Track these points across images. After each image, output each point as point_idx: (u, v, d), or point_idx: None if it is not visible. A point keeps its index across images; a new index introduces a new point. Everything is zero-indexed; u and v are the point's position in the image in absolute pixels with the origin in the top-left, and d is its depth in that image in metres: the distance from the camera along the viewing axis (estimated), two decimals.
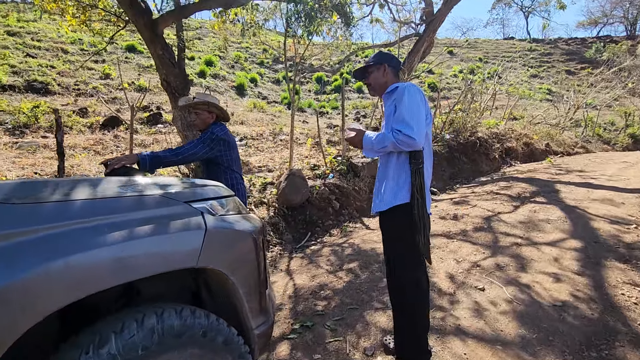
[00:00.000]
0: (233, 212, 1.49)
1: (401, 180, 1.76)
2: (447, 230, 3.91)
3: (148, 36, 4.05)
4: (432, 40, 9.50)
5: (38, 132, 7.62)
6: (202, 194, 1.37)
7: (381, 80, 1.89)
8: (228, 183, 2.52)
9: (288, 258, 3.77)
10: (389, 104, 1.79)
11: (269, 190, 5.14)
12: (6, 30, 16.54)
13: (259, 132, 10.00)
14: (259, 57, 23.04)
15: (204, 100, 2.51)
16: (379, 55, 1.92)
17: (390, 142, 1.67)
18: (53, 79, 12.12)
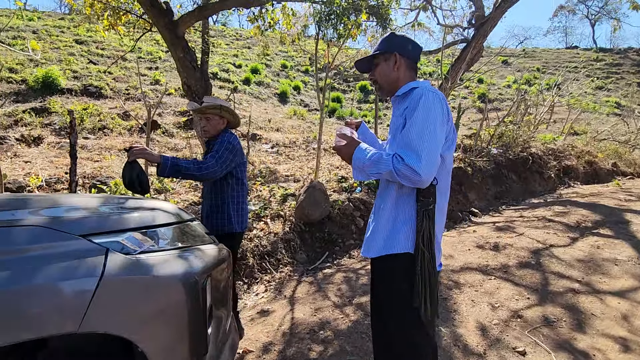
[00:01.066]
0: (170, 246, 1.14)
1: (401, 220, 1.28)
2: (483, 264, 3.31)
3: (169, 38, 3.93)
4: (481, 47, 8.74)
5: (82, 133, 7.97)
6: (118, 222, 1.04)
7: (391, 75, 1.38)
8: (237, 200, 2.26)
9: (296, 282, 3.38)
10: (398, 113, 1.33)
11: (289, 202, 4.82)
12: (75, 39, 18.02)
13: (292, 140, 9.79)
14: (304, 66, 23.23)
15: (215, 104, 2.23)
16: (389, 39, 1.39)
17: (387, 170, 1.19)
18: (107, 83, 12.86)
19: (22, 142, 6.93)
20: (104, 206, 1.07)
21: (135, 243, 1.02)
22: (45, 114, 8.95)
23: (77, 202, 1.04)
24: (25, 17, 20.41)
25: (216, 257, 1.29)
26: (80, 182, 5.28)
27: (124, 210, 1.08)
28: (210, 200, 2.23)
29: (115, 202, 1.14)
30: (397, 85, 1.38)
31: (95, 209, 1.02)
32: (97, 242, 0.93)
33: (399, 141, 1.22)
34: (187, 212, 1.43)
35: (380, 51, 1.39)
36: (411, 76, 1.40)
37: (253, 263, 3.58)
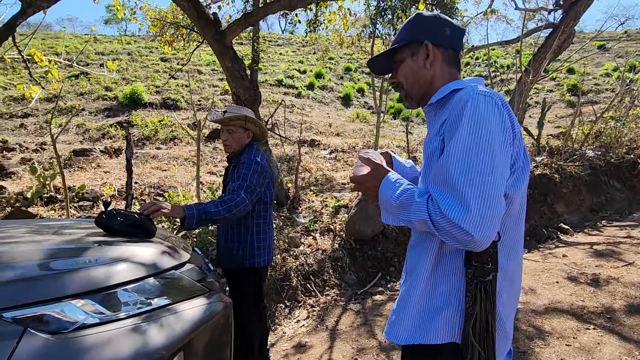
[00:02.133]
0: (136, 310, 0.89)
1: (441, 293, 0.87)
2: (578, 304, 2.60)
3: (217, 48, 3.89)
4: (572, 31, 7.46)
5: (155, 143, 8.60)
6: (54, 286, 0.81)
7: (422, 75, 0.95)
8: (263, 228, 1.92)
9: (342, 308, 3.04)
10: (434, 130, 0.91)
11: (341, 214, 4.50)
12: (161, 57, 19.95)
13: (351, 145, 9.44)
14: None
15: (239, 114, 1.92)
16: (415, 23, 0.96)
17: (420, 220, 0.80)
18: (182, 96, 13.89)
19: (105, 153, 7.66)
20: (44, 261, 0.87)
21: (74, 315, 0.80)
22: (129, 127, 9.90)
23: (6, 259, 0.85)
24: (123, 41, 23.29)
25: (199, 318, 1.03)
26: (146, 192, 5.59)
27: (66, 268, 0.87)
28: (229, 228, 1.90)
29: (66, 253, 0.94)
30: (431, 88, 0.96)
31: (25, 269, 0.83)
32: (11, 319, 0.72)
33: (435, 175, 0.82)
34: (173, 254, 1.19)
35: (404, 42, 0.97)
36: (452, 73, 0.96)
37: (297, 284, 3.33)
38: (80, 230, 1.28)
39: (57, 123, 9.64)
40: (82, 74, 14.58)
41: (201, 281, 1.22)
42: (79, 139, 8.83)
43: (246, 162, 1.84)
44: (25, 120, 10.14)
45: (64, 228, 1.30)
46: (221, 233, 1.96)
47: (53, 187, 5.18)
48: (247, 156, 1.87)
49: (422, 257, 0.91)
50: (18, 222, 1.49)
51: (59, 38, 23.28)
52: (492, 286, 0.81)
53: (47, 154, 7.38)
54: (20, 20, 2.77)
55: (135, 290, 0.94)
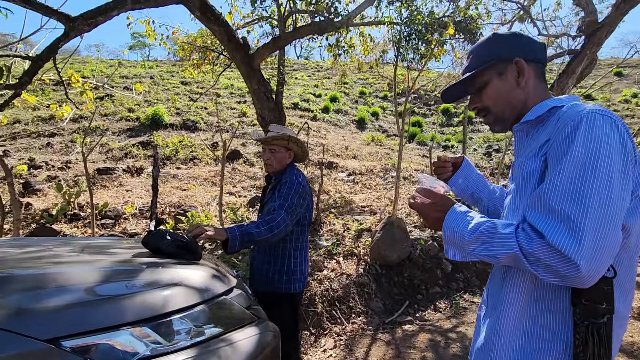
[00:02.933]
0: (189, 341, 0.82)
1: (540, 331, 0.76)
2: (627, 340, 2.40)
3: (245, 71, 3.96)
4: (595, 57, 7.41)
5: (175, 163, 8.72)
6: (111, 313, 0.75)
7: (514, 96, 0.88)
8: (300, 252, 1.86)
9: (371, 337, 2.89)
10: (530, 150, 0.83)
11: (364, 238, 4.39)
12: (181, 80, 20.66)
13: (369, 167, 9.40)
14: (383, 92, 23.09)
15: (283, 133, 1.89)
16: (498, 41, 0.90)
17: (509, 253, 0.71)
18: (201, 118, 14.21)
19: (127, 172, 7.78)
20: (101, 285, 0.81)
21: (134, 345, 0.73)
22: (150, 147, 10.10)
23: (64, 280, 0.80)
24: (146, 66, 24.32)
25: (254, 349, 0.95)
26: (167, 211, 5.60)
27: (124, 293, 0.81)
28: (267, 251, 1.84)
29: (121, 275, 0.89)
30: (525, 107, 0.88)
31: (82, 292, 0.77)
32: (71, 348, 0.67)
33: (536, 201, 0.73)
34: (223, 278, 1.13)
35: (487, 64, 0.89)
36: (544, 91, 0.89)
37: (322, 310, 3.20)
38: (124, 250, 1.24)
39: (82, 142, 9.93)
40: (107, 96, 15.15)
41: (249, 308, 1.14)
42: (102, 157, 9.04)
43: (288, 182, 1.79)
44: (52, 139, 10.47)
45: (107, 247, 1.26)
46: (256, 254, 1.90)
47: (77, 204, 5.24)
48: (289, 176, 1.83)
49: (513, 290, 0.81)
50: (56, 240, 1.46)
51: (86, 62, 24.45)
52: (607, 330, 0.71)
53: (71, 172, 7.54)
54: (63, 43, 2.88)
55: (188, 317, 0.88)
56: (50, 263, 0.92)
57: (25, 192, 5.97)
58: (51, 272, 0.83)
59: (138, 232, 4.83)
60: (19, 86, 2.73)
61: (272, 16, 5.15)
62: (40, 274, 0.82)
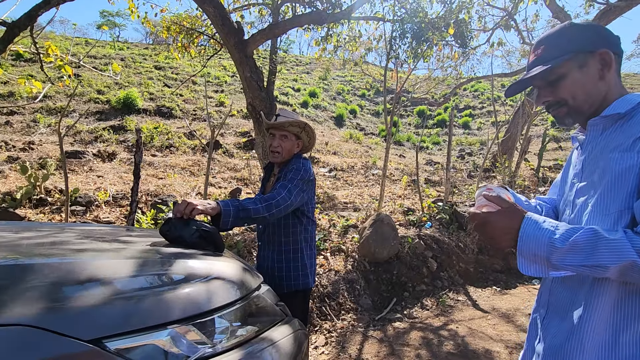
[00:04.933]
0: (231, 341, 0.73)
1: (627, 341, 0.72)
2: None
3: (237, 57, 3.80)
4: None
5: (150, 150, 8.32)
6: (155, 310, 0.65)
7: (596, 88, 0.83)
8: (310, 245, 1.78)
9: (362, 335, 2.86)
10: (615, 145, 0.79)
11: (350, 234, 4.36)
12: (155, 65, 19.76)
13: (350, 164, 9.41)
14: (361, 90, 23.24)
15: (298, 120, 1.76)
16: (576, 33, 0.84)
17: (625, 261, 0.66)
18: (177, 105, 13.66)
19: (98, 157, 7.34)
20: (138, 276, 0.70)
21: (181, 346, 0.63)
22: (122, 132, 9.58)
23: (97, 270, 0.68)
24: (116, 47, 23.03)
25: (293, 350, 0.87)
26: (143, 200, 5.32)
27: (164, 286, 0.70)
28: (277, 246, 1.72)
29: (155, 266, 0.77)
30: (604, 102, 0.84)
31: (121, 285, 0.66)
32: (116, 351, 0.56)
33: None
34: (252, 272, 1.03)
35: (570, 54, 0.82)
36: (622, 86, 0.86)
37: (312, 306, 3.14)
38: (136, 238, 1.11)
39: (45, 122, 9.25)
40: (73, 76, 14.22)
41: (277, 304, 1.06)
42: (69, 140, 8.47)
43: (296, 168, 1.68)
44: (11, 117, 9.69)
45: (116, 235, 1.12)
46: (267, 255, 1.77)
47: (44, 188, 4.87)
48: (297, 164, 1.71)
49: (593, 295, 0.77)
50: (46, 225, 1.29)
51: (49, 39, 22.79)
52: None
53: (35, 153, 7.00)
54: (43, 11, 2.62)
55: (227, 315, 0.78)
56: (71, 250, 0.79)
57: None
58: (80, 262, 0.70)
59: (112, 221, 4.55)
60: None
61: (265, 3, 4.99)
62: (68, 262, 0.69)
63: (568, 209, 0.91)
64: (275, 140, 1.75)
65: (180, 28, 4.62)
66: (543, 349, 0.85)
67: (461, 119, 19.15)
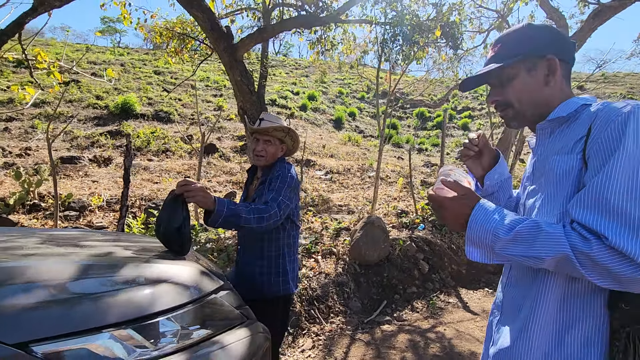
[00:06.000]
0: (177, 344, 0.74)
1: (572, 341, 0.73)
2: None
3: (227, 61, 3.82)
4: None
5: (146, 155, 8.35)
6: (91, 314, 0.66)
7: (540, 93, 0.84)
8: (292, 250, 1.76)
9: (350, 337, 2.86)
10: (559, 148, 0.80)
11: (342, 237, 4.36)
12: (154, 70, 19.87)
13: (346, 167, 9.41)
14: (360, 92, 23.28)
15: (282, 125, 1.75)
16: (528, 35, 0.85)
17: (559, 254, 0.67)
18: (175, 109, 13.72)
19: (94, 162, 7.37)
20: (79, 280, 0.71)
21: (118, 349, 0.64)
22: (119, 137, 9.62)
23: (36, 275, 0.69)
24: (116, 52, 23.18)
25: (247, 353, 0.88)
26: (137, 204, 5.33)
27: (106, 290, 0.71)
28: (258, 251, 1.68)
29: (101, 269, 0.79)
30: (547, 108, 0.85)
31: (57, 289, 0.67)
32: (43, 354, 0.57)
33: (587, 201, 0.69)
34: (212, 276, 1.04)
35: (519, 56, 0.83)
36: (569, 90, 0.86)
37: (300, 309, 3.14)
38: (99, 242, 1.12)
39: (43, 129, 9.30)
40: (73, 82, 14.30)
41: (239, 308, 1.06)
42: (67, 146, 8.51)
43: (281, 175, 1.66)
44: (10, 124, 9.75)
45: (79, 239, 1.13)
46: (247, 260, 1.72)
47: (37, 194, 4.89)
48: (281, 170, 1.70)
49: (544, 292, 0.77)
50: (19, 231, 1.30)
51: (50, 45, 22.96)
52: None
53: (31, 159, 7.04)
54: (30, 18, 2.64)
55: (176, 318, 0.79)
56: (17, 256, 0.80)
57: None
58: (18, 266, 0.71)
59: (105, 226, 4.56)
60: None
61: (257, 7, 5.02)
62: (5, 267, 0.70)
63: (521, 210, 0.92)
64: (260, 144, 1.75)
65: (172, 33, 4.67)
66: (495, 351, 0.85)
67: (460, 120, 19.15)
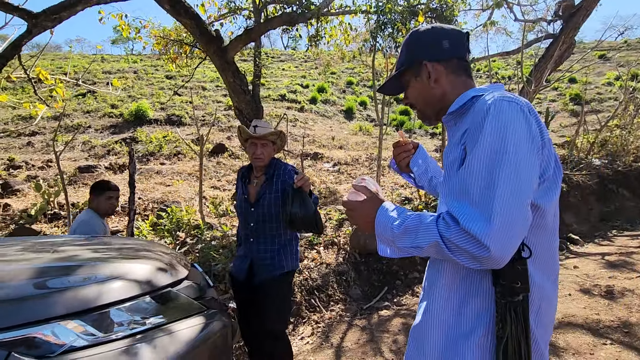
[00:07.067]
0: (128, 331, 0.85)
1: (468, 313, 0.81)
2: (593, 318, 2.51)
3: (219, 64, 3.93)
4: (573, 41, 7.50)
5: (159, 159, 8.65)
6: (40, 307, 0.78)
7: (431, 93, 0.93)
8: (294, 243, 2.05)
9: (347, 324, 2.96)
10: (454, 140, 0.88)
11: (345, 227, 4.44)
12: (166, 74, 20.32)
13: (354, 157, 9.43)
14: (370, 81, 23.04)
15: (273, 129, 2.02)
16: (410, 42, 0.95)
17: (432, 241, 0.74)
18: (186, 112, 14.04)
19: (110, 169, 7.70)
20: (31, 281, 0.84)
21: (63, 337, 0.76)
22: (133, 143, 9.98)
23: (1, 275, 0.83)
24: (129, 60, 23.79)
25: (196, 338, 0.99)
26: (150, 207, 5.58)
27: (55, 288, 0.84)
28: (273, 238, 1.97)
29: (55, 272, 0.91)
30: (444, 102, 0.92)
31: (9, 289, 0.80)
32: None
33: (454, 188, 0.77)
34: (170, 270, 1.16)
35: (404, 66, 0.95)
36: (464, 82, 0.92)
37: (301, 299, 3.26)
38: (76, 247, 1.26)
39: (63, 140, 9.76)
40: (89, 93, 14.84)
41: (199, 299, 1.17)
42: (85, 155, 8.91)
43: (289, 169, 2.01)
44: (33, 138, 10.28)
45: (61, 245, 1.28)
46: (259, 247, 1.97)
47: (57, 203, 5.20)
48: (284, 167, 2.02)
49: (443, 273, 0.85)
50: (15, 240, 1.47)
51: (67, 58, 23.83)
52: (523, 307, 0.74)
53: (52, 171, 7.43)
54: (26, 40, 2.82)
55: (129, 309, 0.91)
56: None
57: (4, 193, 5.88)
58: None
59: (120, 230, 4.81)
60: None
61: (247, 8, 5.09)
62: None
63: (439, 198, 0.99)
64: (258, 148, 1.97)
65: (167, 41, 4.82)
66: (414, 324, 0.93)
67: None
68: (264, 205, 1.93)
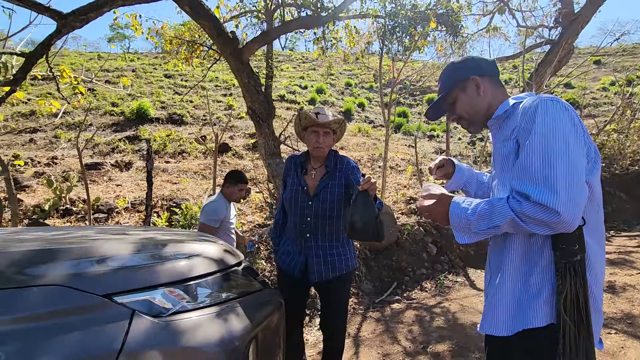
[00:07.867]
0: (210, 301, 0.97)
1: (533, 282, 0.96)
2: None
3: (234, 65, 4.04)
4: (571, 47, 7.71)
5: (164, 157, 8.72)
6: (149, 276, 0.90)
7: (479, 103, 1.11)
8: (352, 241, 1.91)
9: (361, 316, 3.08)
10: (503, 137, 1.04)
11: None
12: (165, 73, 20.30)
13: (357, 158, 9.57)
14: (369, 83, 23.21)
15: (339, 117, 1.83)
16: (454, 68, 1.15)
17: (506, 219, 0.89)
18: (187, 111, 14.10)
19: (116, 167, 7.77)
20: (137, 254, 0.96)
21: (169, 301, 0.88)
22: (136, 141, 10.03)
23: (108, 251, 0.94)
24: (127, 59, 23.73)
25: (264, 311, 1.11)
26: (159, 204, 5.67)
27: (156, 260, 0.96)
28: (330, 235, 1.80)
29: (151, 248, 1.03)
30: (490, 109, 1.11)
31: (125, 260, 0.92)
32: (122, 302, 0.81)
33: (517, 173, 0.91)
34: (233, 253, 1.28)
35: (450, 87, 1.14)
36: (504, 93, 1.12)
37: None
38: (141, 232, 1.37)
39: (67, 138, 9.79)
40: (88, 90, 14.82)
41: (256, 278, 1.30)
42: (89, 153, 8.95)
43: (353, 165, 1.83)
44: (34, 135, 10.28)
45: (124, 230, 1.39)
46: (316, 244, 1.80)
47: (69, 199, 5.27)
48: (347, 161, 1.86)
49: (509, 255, 1.00)
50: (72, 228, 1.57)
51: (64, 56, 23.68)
52: (581, 265, 0.89)
53: (59, 167, 7.48)
54: (56, 40, 2.92)
55: (207, 283, 1.03)
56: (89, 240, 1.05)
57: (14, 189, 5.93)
58: (94, 246, 0.96)
59: (132, 225, 4.90)
60: (13, 83, 2.77)
61: (259, 9, 5.21)
62: (86, 247, 0.95)
63: (491, 192, 1.13)
64: (320, 137, 1.79)
65: (181, 41, 4.93)
66: (485, 304, 1.07)
67: None
68: (326, 199, 1.75)
